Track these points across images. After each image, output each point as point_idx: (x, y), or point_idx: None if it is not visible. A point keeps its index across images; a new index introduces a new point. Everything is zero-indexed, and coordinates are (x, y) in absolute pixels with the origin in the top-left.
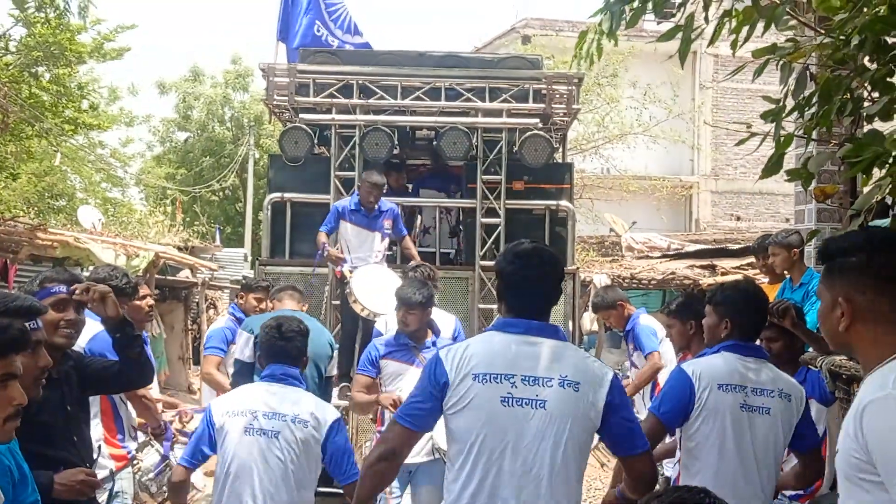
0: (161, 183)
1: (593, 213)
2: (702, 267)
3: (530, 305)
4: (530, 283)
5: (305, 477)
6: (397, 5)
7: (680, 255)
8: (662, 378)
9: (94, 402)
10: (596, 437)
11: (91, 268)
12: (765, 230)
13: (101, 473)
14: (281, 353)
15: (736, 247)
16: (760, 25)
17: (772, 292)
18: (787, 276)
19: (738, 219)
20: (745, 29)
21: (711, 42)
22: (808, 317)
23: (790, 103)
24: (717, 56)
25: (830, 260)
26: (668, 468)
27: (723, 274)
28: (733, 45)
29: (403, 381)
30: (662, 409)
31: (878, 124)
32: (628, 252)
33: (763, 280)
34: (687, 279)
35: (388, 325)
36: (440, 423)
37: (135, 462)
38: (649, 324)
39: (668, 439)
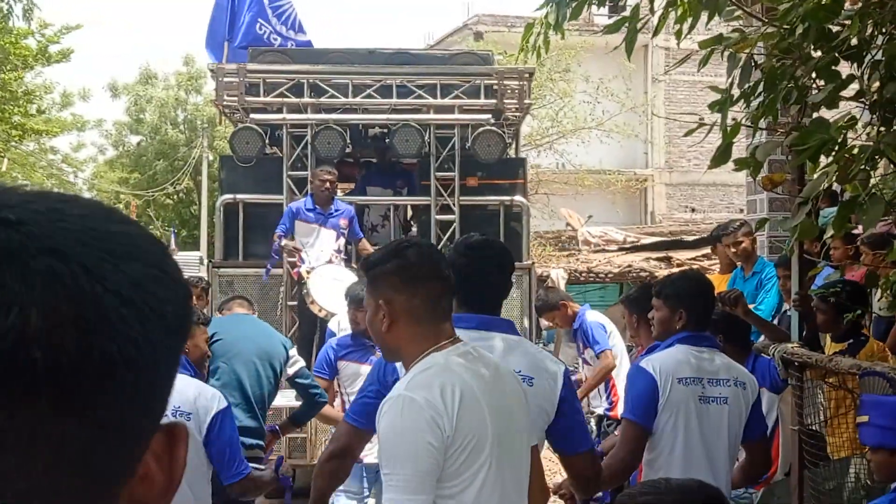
0: (114, 188)
1: (549, 208)
2: (658, 259)
3: (482, 299)
4: (482, 276)
5: (195, 478)
6: (348, 2)
7: (636, 248)
8: (615, 373)
9: None
10: None
11: None
12: (719, 221)
13: None
14: None
15: (691, 238)
16: (705, 16)
17: (723, 283)
18: (738, 266)
19: (693, 210)
20: (690, 20)
21: (656, 33)
22: (761, 305)
23: (737, 93)
24: (668, 49)
25: (371, 270)
26: None
27: (678, 265)
28: (678, 35)
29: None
30: (637, 413)
31: (823, 112)
32: (585, 246)
33: (714, 271)
34: (643, 272)
35: (340, 324)
36: None
37: None
38: (597, 319)
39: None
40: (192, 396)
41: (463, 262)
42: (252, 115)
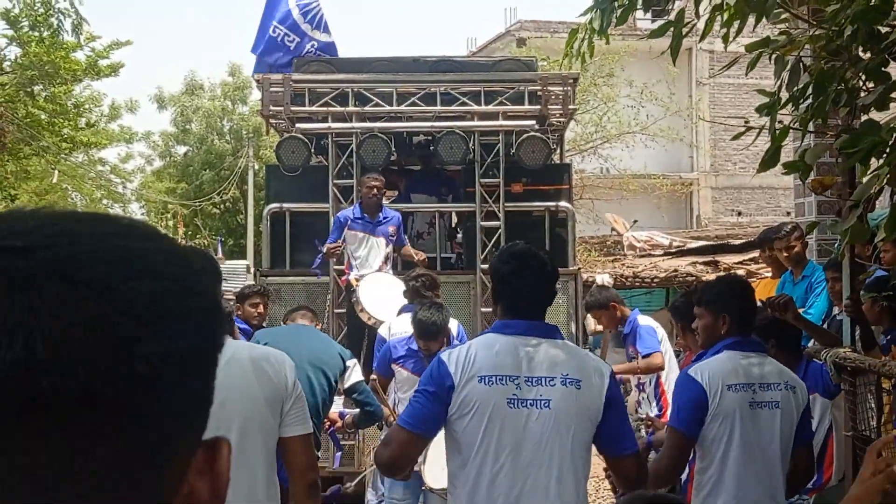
0: (161, 197)
1: (594, 214)
2: (704, 263)
3: (528, 306)
4: (527, 284)
5: None
6: (390, 10)
7: (682, 253)
8: (664, 378)
9: None
10: None
11: None
12: (766, 224)
13: None
14: None
15: (738, 242)
16: (752, 20)
17: (773, 287)
18: (787, 270)
19: (740, 214)
20: (737, 23)
21: (703, 37)
22: (811, 309)
23: (785, 96)
24: (712, 52)
25: None
26: None
27: (725, 269)
28: (725, 40)
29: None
30: (682, 422)
31: (873, 114)
32: (630, 251)
33: (766, 275)
34: (690, 276)
35: (390, 329)
36: (431, 463)
37: None
38: (649, 323)
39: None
40: None
41: (507, 270)
42: (297, 125)
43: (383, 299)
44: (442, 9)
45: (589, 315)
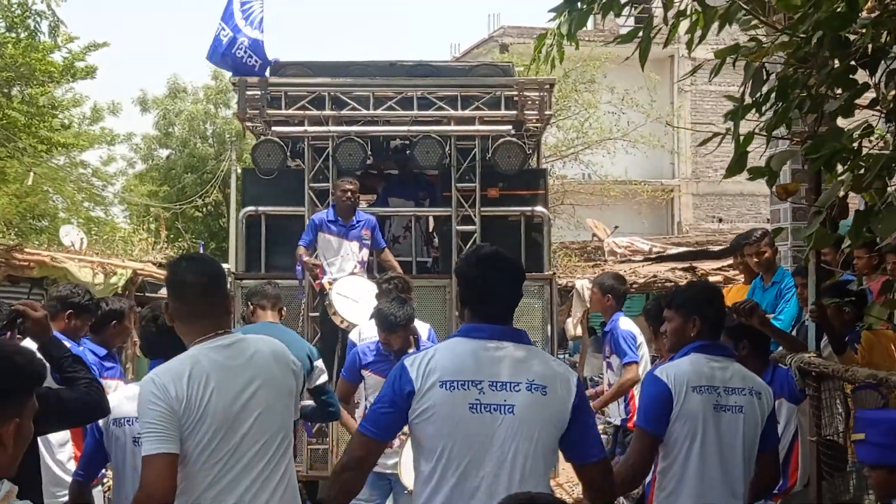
0: (144, 201)
1: (575, 219)
2: (683, 269)
3: (494, 310)
4: (494, 287)
5: None
6: (374, 16)
7: (662, 259)
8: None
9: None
10: None
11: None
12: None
13: None
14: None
15: (717, 248)
16: (716, 26)
17: (744, 293)
18: (758, 276)
19: (720, 220)
20: (701, 30)
21: (667, 43)
22: (781, 315)
23: (750, 102)
24: (694, 59)
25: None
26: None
27: (703, 275)
28: (688, 45)
29: None
30: (649, 421)
31: (840, 121)
32: (611, 256)
33: (738, 280)
34: (669, 282)
35: (361, 334)
36: (408, 464)
37: (105, 480)
38: (629, 329)
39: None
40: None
41: (474, 274)
42: (274, 128)
43: (356, 302)
44: (425, 14)
45: (569, 321)
